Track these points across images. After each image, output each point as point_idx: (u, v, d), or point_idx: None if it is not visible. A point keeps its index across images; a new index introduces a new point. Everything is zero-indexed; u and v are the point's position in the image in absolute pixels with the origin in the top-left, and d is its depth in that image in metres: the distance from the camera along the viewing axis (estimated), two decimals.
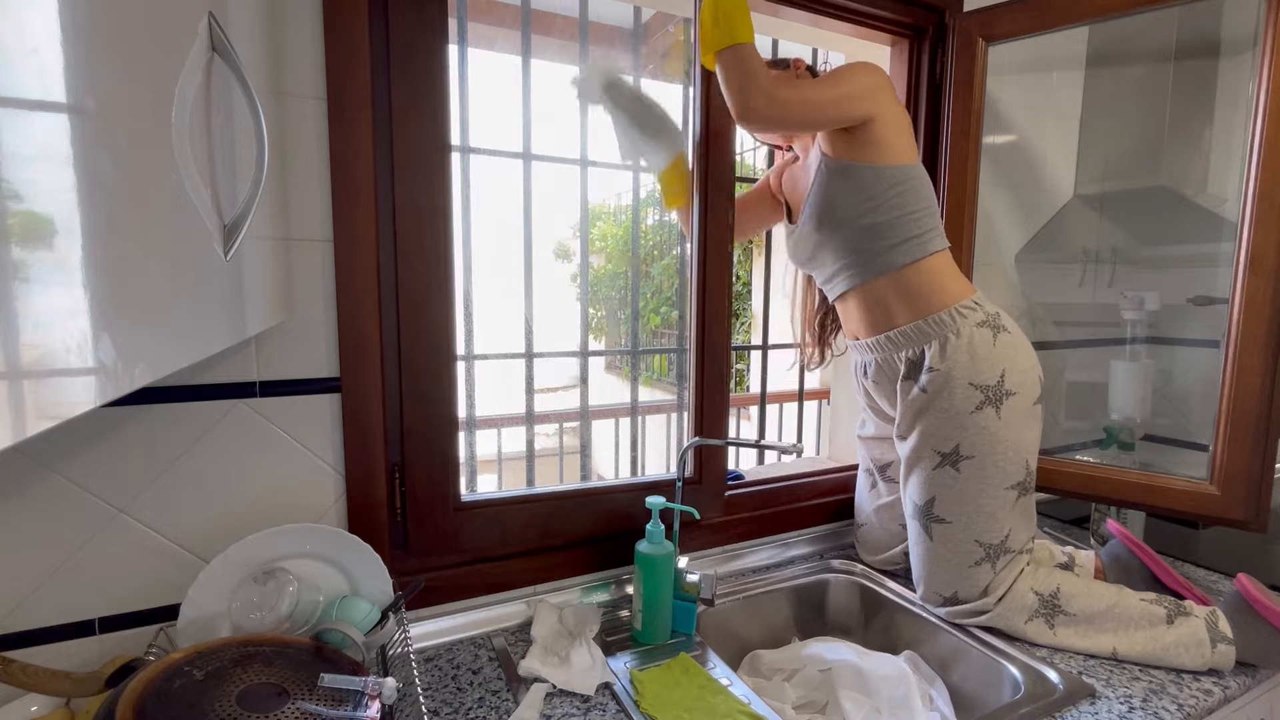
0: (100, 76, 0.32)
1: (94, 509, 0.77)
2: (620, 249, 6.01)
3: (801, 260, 1.17)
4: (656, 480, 1.15)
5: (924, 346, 1.02)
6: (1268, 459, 1.05)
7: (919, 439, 1.03)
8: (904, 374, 1.05)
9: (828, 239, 1.07)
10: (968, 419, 0.99)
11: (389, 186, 0.90)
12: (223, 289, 0.52)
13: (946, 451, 1.00)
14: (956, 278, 1.06)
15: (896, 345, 1.05)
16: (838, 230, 1.05)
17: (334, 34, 0.84)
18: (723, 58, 0.95)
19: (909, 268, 1.03)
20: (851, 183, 1.02)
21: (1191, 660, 0.92)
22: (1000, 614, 1.00)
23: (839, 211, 1.04)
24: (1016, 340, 1.03)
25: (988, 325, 1.02)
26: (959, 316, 1.01)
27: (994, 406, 0.98)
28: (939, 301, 1.02)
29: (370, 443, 0.91)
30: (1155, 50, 1.52)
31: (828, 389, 1.75)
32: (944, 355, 1.00)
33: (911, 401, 1.03)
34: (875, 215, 1.02)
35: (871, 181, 1.01)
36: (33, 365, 0.26)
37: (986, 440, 0.98)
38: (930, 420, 1.01)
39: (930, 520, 1.03)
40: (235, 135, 0.55)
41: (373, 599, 0.83)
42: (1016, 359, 1.01)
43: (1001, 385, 0.99)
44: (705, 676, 0.91)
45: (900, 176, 1.02)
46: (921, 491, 1.04)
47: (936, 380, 1.00)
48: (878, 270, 1.05)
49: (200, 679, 0.60)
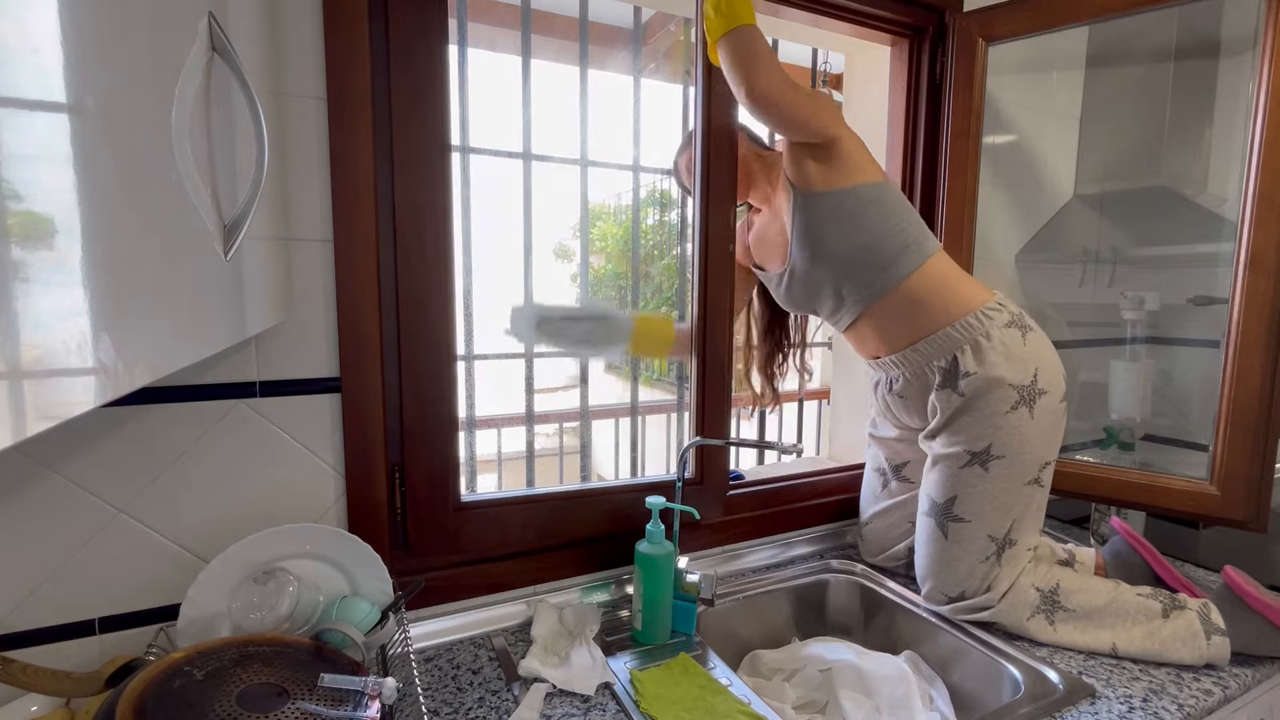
0: (100, 76, 0.32)
1: (94, 509, 0.77)
2: (620, 249, 6.00)
3: (801, 303, 1.15)
4: (657, 480, 1.15)
5: (955, 352, 1.02)
6: (1268, 459, 1.05)
7: (950, 437, 1.02)
8: (939, 383, 1.04)
9: (822, 273, 1.07)
10: (1002, 419, 0.98)
11: (389, 186, 0.90)
12: (223, 289, 0.52)
13: (977, 451, 1.00)
14: (966, 279, 1.06)
15: (925, 356, 1.05)
16: (830, 261, 1.05)
17: (334, 34, 0.84)
18: (727, 40, 0.96)
19: (912, 277, 1.03)
20: (829, 210, 1.03)
21: (1188, 654, 0.92)
22: (1003, 611, 1.00)
23: (826, 241, 1.04)
24: (1042, 338, 1.04)
25: (1015, 325, 1.01)
26: (985, 319, 1.01)
27: (1028, 406, 0.98)
28: (957, 304, 1.02)
29: (370, 443, 0.91)
30: (1155, 50, 1.52)
31: (828, 389, 1.75)
32: (979, 358, 1.00)
33: (949, 406, 1.02)
34: (861, 235, 1.03)
35: (848, 204, 1.02)
36: (33, 365, 0.26)
37: (1017, 440, 0.98)
38: (966, 420, 1.01)
39: (948, 519, 1.02)
40: (235, 135, 0.55)
41: (373, 599, 0.83)
42: (1046, 357, 1.01)
43: (1035, 384, 0.99)
44: (705, 676, 0.91)
45: (874, 194, 1.03)
46: (943, 489, 1.03)
47: (975, 383, 0.99)
48: (882, 289, 1.04)
49: (200, 679, 0.60)
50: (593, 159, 1.53)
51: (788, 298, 1.16)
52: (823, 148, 1.03)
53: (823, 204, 1.03)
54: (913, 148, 1.36)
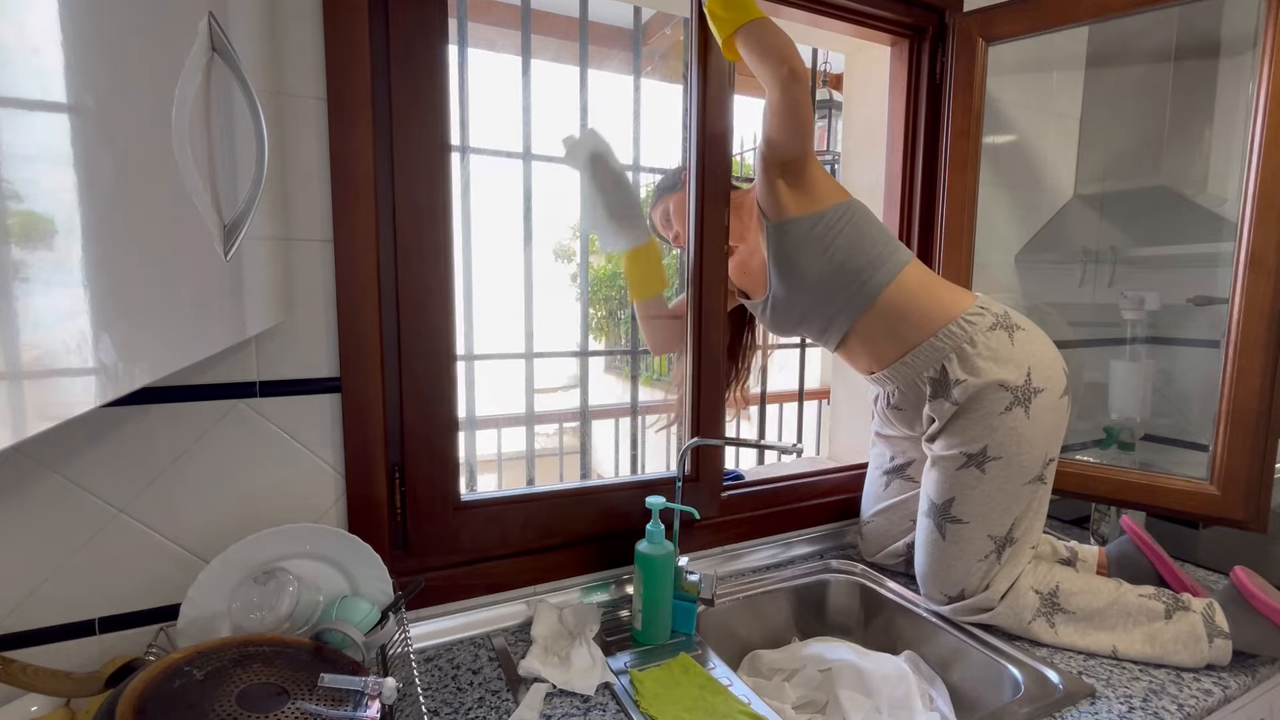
0: (100, 76, 0.32)
1: (94, 509, 0.77)
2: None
3: (790, 326, 1.17)
4: (656, 479, 1.15)
5: (942, 362, 1.02)
6: (1268, 459, 1.05)
7: (947, 440, 1.02)
8: (930, 394, 1.04)
9: (804, 296, 1.09)
10: (997, 420, 0.98)
11: (389, 186, 0.90)
12: (223, 289, 0.52)
13: (974, 453, 1.00)
14: (946, 286, 1.07)
15: (914, 368, 1.05)
16: (807, 283, 1.08)
17: (334, 34, 0.84)
18: (749, 32, 0.98)
19: (889, 289, 1.04)
20: (802, 235, 1.06)
21: (1189, 657, 0.92)
22: (1002, 613, 1.00)
23: (801, 265, 1.07)
24: (1033, 335, 1.03)
25: (1000, 327, 1.02)
26: (968, 325, 1.01)
27: (1023, 406, 0.98)
28: (940, 313, 1.02)
29: (370, 443, 0.91)
30: (1155, 50, 1.52)
31: (828, 389, 1.75)
32: (966, 366, 1.00)
33: (944, 415, 1.03)
34: (833, 255, 1.05)
35: (820, 227, 1.05)
36: (33, 365, 0.26)
37: (1014, 441, 0.98)
38: (962, 423, 1.01)
39: (946, 520, 1.02)
40: (235, 135, 0.55)
41: (373, 599, 0.83)
42: (1039, 354, 1.01)
43: (1029, 383, 0.99)
44: (705, 676, 0.91)
45: (839, 213, 1.06)
46: (941, 490, 1.03)
47: (967, 390, 0.99)
48: (862, 305, 1.06)
49: (200, 679, 0.60)
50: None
51: (774, 323, 1.18)
52: (794, 172, 1.05)
53: (795, 230, 1.06)
54: (913, 148, 1.36)
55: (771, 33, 0.97)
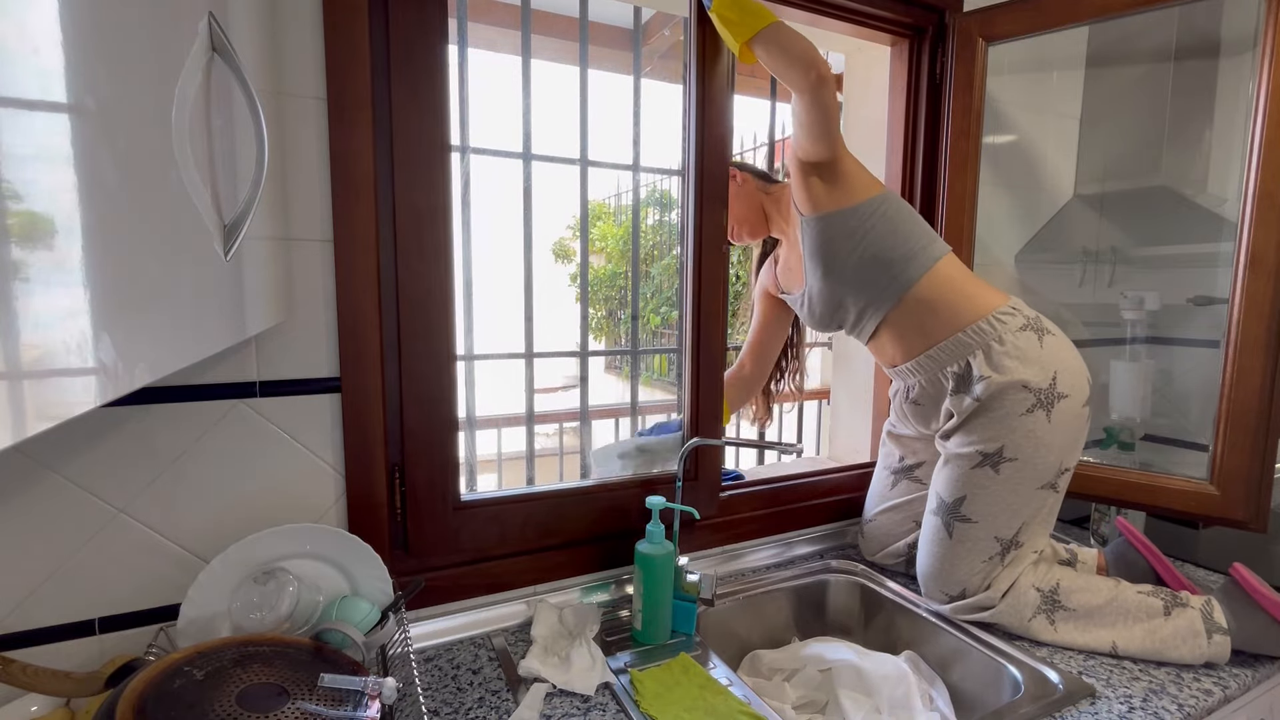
0: (100, 76, 0.32)
1: (94, 509, 0.77)
2: (620, 249, 6.00)
3: (823, 320, 1.18)
4: (656, 478, 1.15)
5: (968, 358, 1.02)
6: (1268, 459, 1.05)
7: (964, 437, 1.02)
8: (953, 389, 1.04)
9: (837, 289, 1.10)
10: (1017, 421, 0.98)
11: (389, 186, 0.90)
12: (223, 289, 0.52)
13: (990, 452, 0.99)
14: (979, 284, 1.07)
15: (939, 362, 1.05)
16: (842, 277, 1.09)
17: (334, 34, 0.84)
18: (769, 38, 0.98)
19: (921, 282, 1.04)
20: (837, 229, 1.07)
21: (1189, 653, 0.92)
22: (1003, 612, 1.00)
23: (836, 257, 1.08)
24: (1062, 342, 1.03)
25: (1030, 329, 1.01)
26: (998, 323, 1.01)
27: (1045, 410, 0.98)
28: (970, 310, 1.02)
29: (370, 443, 0.91)
30: (1155, 50, 1.52)
31: (828, 389, 1.75)
32: (991, 363, 1.00)
33: (964, 410, 1.02)
34: (867, 247, 1.06)
35: (851, 221, 1.06)
36: (33, 365, 0.26)
37: (1031, 444, 0.98)
38: (980, 421, 1.00)
39: (955, 519, 1.02)
40: (235, 135, 0.55)
41: (373, 599, 0.83)
42: (1066, 360, 1.01)
43: (1054, 388, 0.98)
44: (705, 676, 0.91)
45: (873, 207, 1.06)
46: (952, 489, 1.03)
47: (990, 387, 0.99)
48: (895, 296, 1.06)
49: (200, 679, 0.60)
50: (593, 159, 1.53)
51: (810, 316, 1.19)
52: (828, 167, 1.06)
53: (830, 224, 1.07)
54: (913, 148, 1.36)
55: (793, 38, 0.97)
